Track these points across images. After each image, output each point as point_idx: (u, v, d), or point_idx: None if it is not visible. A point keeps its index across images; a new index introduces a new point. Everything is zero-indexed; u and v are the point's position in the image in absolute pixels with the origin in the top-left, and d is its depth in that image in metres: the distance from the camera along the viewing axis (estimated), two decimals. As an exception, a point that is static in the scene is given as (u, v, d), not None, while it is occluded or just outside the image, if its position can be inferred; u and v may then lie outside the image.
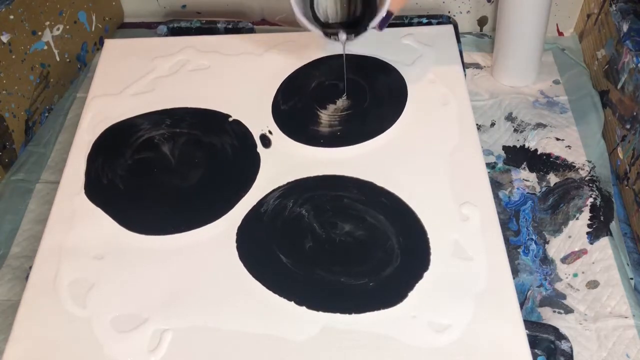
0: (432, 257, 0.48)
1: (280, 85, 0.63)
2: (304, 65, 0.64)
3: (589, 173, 0.64)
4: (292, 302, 0.46)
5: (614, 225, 0.60)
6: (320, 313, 0.45)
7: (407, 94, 0.61)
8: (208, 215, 0.52)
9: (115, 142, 0.58)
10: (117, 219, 0.52)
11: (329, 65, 0.64)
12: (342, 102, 0.61)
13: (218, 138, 0.58)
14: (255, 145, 0.57)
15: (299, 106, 0.61)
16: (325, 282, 0.47)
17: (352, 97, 0.61)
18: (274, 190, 0.53)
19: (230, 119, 0.59)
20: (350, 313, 0.45)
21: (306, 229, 0.51)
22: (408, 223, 0.50)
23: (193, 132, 0.59)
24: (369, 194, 0.53)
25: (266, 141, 0.58)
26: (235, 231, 0.51)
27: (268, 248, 0.50)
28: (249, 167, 0.56)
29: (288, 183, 0.54)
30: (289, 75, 0.63)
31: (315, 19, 0.57)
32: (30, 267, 0.49)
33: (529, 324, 0.47)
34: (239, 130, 0.59)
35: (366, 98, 0.61)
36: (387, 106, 0.60)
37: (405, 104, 0.60)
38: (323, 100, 0.61)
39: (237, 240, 0.50)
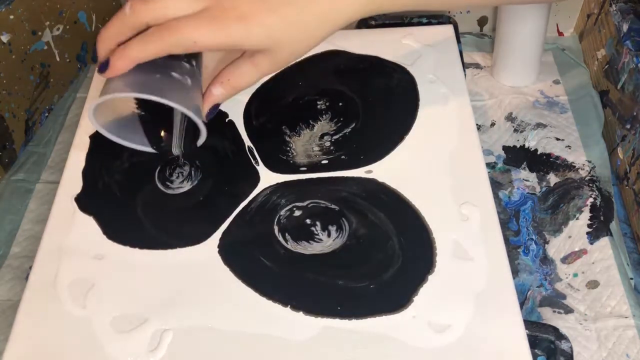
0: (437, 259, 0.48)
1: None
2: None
3: (589, 173, 0.64)
4: (288, 308, 0.46)
5: (614, 225, 0.60)
6: (319, 318, 0.45)
7: (416, 116, 0.58)
8: (206, 231, 0.51)
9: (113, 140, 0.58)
10: (107, 233, 0.51)
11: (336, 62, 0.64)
12: (328, 125, 0.58)
13: (218, 141, 0.57)
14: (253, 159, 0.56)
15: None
16: (322, 285, 0.47)
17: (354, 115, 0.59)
18: (264, 189, 0.53)
19: (227, 119, 0.59)
20: (350, 318, 0.45)
21: (298, 227, 0.50)
22: (410, 223, 0.50)
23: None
24: (369, 191, 0.52)
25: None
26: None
27: (253, 250, 0.49)
28: (248, 179, 0.54)
29: (277, 183, 0.53)
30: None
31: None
32: (30, 267, 0.49)
33: (529, 324, 0.47)
34: (233, 134, 0.57)
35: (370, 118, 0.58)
36: (396, 123, 0.57)
37: (412, 127, 0.57)
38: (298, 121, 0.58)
39: (219, 245, 0.49)
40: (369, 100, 0.60)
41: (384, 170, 0.54)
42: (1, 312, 0.56)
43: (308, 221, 0.51)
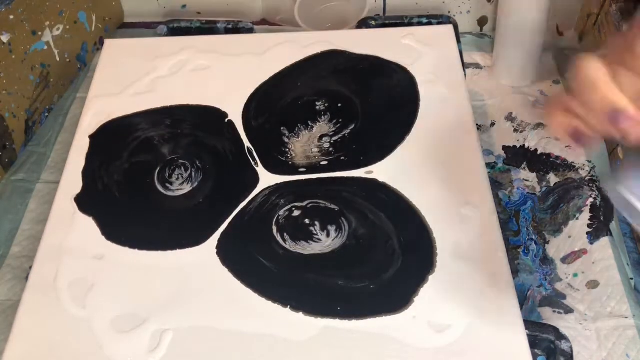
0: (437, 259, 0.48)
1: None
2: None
3: (589, 173, 0.64)
4: (288, 308, 0.46)
5: (614, 225, 0.60)
6: (319, 319, 0.45)
7: (416, 115, 0.58)
8: (205, 232, 0.51)
9: (113, 140, 0.58)
10: (107, 234, 0.51)
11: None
12: (327, 127, 0.58)
13: (218, 142, 0.57)
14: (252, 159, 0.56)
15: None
16: (322, 285, 0.47)
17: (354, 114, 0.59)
18: (262, 190, 0.53)
19: (227, 119, 0.59)
20: (350, 319, 0.45)
21: (297, 227, 0.50)
22: (410, 223, 0.50)
23: (193, 133, 0.58)
24: (369, 191, 0.52)
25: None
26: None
27: (252, 251, 0.49)
28: (247, 180, 0.54)
29: (277, 184, 0.54)
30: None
31: None
32: (30, 267, 0.49)
33: (529, 324, 0.47)
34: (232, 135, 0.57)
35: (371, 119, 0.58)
36: (395, 123, 0.57)
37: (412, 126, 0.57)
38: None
39: (218, 246, 0.49)
40: (368, 101, 0.60)
41: (384, 171, 0.54)
42: (1, 312, 0.56)
43: (307, 221, 0.51)
